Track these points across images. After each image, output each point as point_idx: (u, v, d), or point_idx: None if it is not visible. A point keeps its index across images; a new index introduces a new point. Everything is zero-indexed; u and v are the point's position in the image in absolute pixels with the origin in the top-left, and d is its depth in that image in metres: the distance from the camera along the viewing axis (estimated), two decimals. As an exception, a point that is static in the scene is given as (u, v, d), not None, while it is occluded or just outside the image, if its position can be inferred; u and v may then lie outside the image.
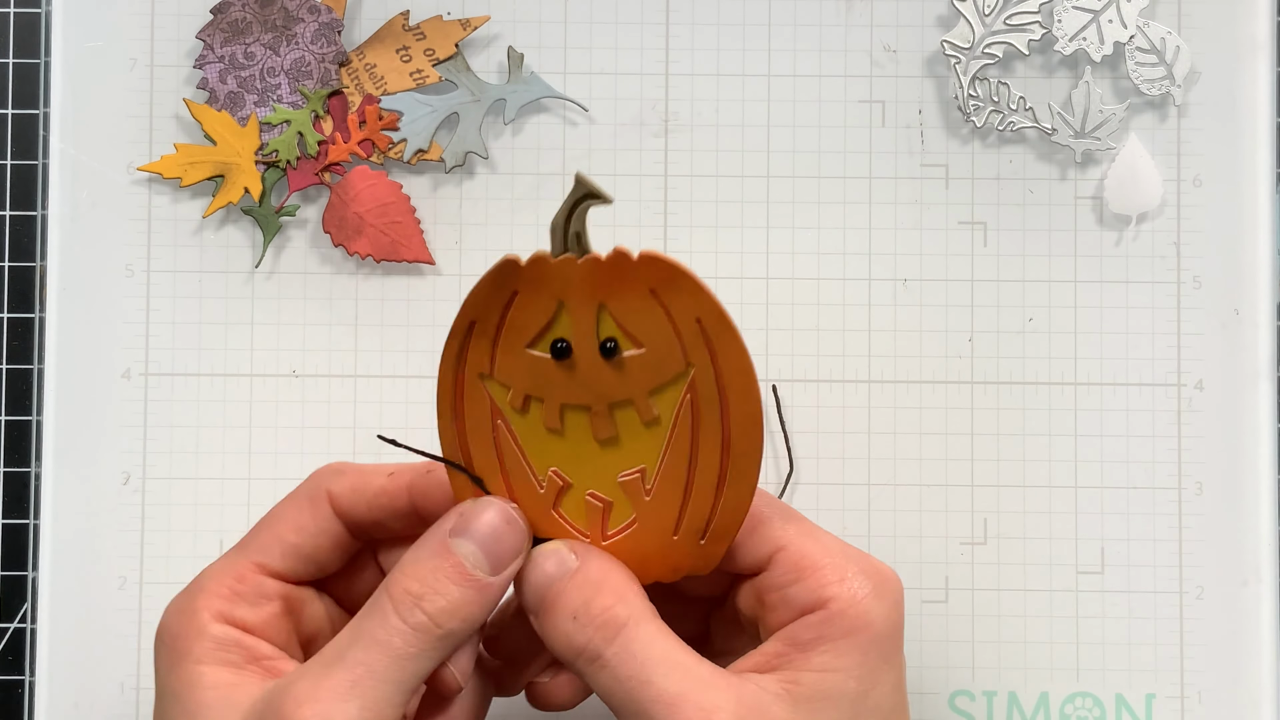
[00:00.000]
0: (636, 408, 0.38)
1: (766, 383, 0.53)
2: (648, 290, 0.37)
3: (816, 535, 0.39)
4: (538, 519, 0.39)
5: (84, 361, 0.53)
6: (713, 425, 0.38)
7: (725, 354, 0.37)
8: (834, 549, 0.39)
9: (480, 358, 0.38)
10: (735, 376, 0.38)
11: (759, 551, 0.39)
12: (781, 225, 0.54)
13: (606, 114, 0.54)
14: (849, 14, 0.54)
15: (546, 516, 0.39)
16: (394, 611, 0.37)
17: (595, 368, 0.38)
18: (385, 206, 0.53)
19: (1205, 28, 0.54)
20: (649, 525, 0.39)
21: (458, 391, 0.39)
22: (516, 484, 0.39)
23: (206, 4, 0.53)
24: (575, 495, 0.39)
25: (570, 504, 0.39)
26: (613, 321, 0.37)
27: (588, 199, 0.36)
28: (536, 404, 0.38)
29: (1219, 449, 0.53)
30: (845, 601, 0.37)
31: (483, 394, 0.39)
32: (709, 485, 0.38)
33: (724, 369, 0.37)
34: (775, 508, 0.40)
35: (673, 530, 0.39)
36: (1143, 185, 0.53)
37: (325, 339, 0.54)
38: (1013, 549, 0.53)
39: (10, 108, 0.54)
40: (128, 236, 0.54)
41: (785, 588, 0.38)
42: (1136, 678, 0.53)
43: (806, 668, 0.37)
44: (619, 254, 0.37)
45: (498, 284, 0.37)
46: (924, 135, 0.54)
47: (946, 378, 0.54)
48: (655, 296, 0.37)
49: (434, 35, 0.54)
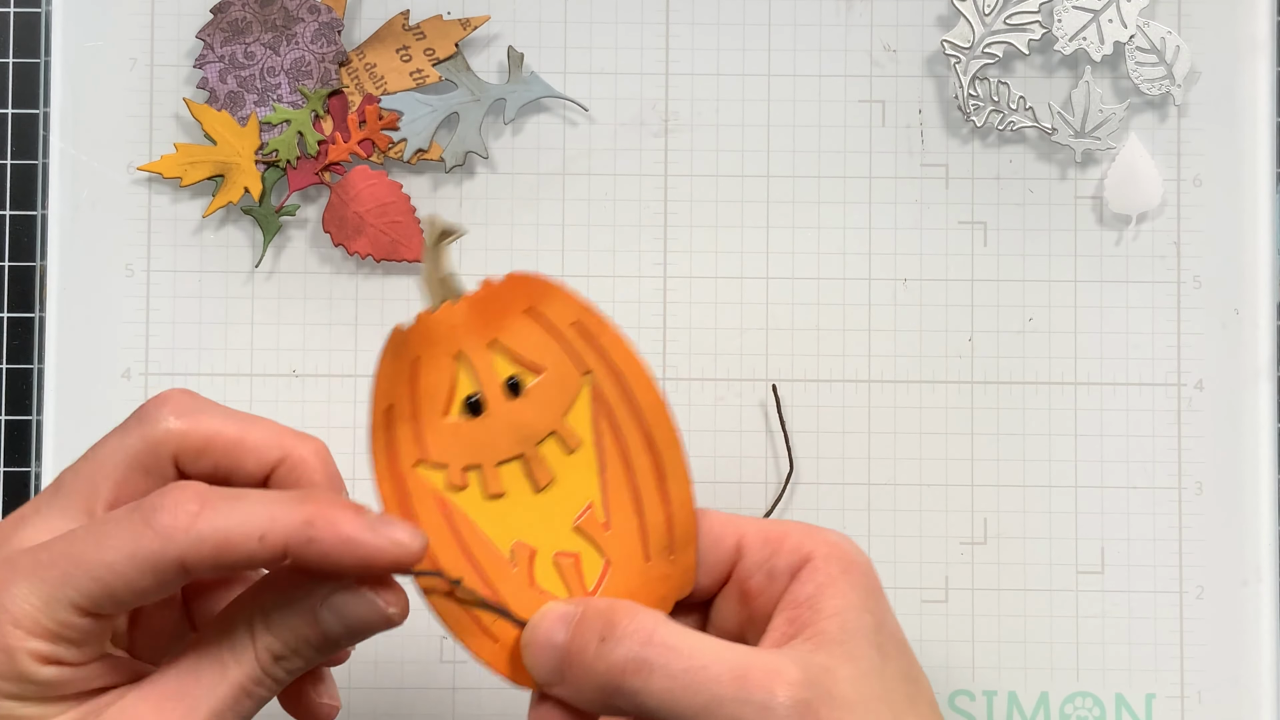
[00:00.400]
0: (560, 436, 0.38)
1: (766, 383, 0.53)
2: (523, 311, 0.38)
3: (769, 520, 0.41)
4: (522, 600, 0.38)
5: (84, 361, 0.53)
6: (630, 425, 0.38)
7: (611, 350, 0.38)
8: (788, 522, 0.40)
9: (408, 445, 0.38)
10: (628, 369, 0.38)
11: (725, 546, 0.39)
12: (781, 225, 0.54)
13: (606, 114, 0.54)
14: (849, 14, 0.54)
15: (528, 594, 0.38)
16: (258, 665, 0.36)
17: (508, 410, 0.38)
18: (385, 206, 0.53)
19: (1205, 28, 0.54)
20: (621, 561, 0.39)
21: (400, 493, 0.38)
22: (492, 572, 0.38)
23: (206, 4, 0.53)
24: (544, 560, 0.38)
25: (543, 572, 0.39)
26: (507, 358, 0.38)
27: (443, 237, 0.37)
28: (473, 474, 0.38)
29: (1219, 449, 0.53)
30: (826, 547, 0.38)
31: (424, 484, 0.38)
32: (653, 490, 0.38)
33: (617, 365, 0.38)
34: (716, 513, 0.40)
35: (644, 556, 0.39)
36: (1143, 185, 0.53)
37: (325, 339, 0.54)
38: (1013, 549, 0.53)
39: (10, 108, 0.54)
40: (128, 236, 0.54)
41: (766, 562, 0.38)
42: (1136, 678, 0.53)
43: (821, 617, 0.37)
44: (486, 284, 0.37)
45: (397, 356, 0.37)
46: (924, 135, 0.54)
47: (946, 378, 0.54)
48: (532, 315, 0.38)
49: (434, 35, 0.54)
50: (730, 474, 0.53)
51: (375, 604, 0.37)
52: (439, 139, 0.54)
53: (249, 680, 0.36)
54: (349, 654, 0.42)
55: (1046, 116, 0.54)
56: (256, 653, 0.36)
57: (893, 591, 0.52)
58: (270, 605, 0.37)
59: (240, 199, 0.53)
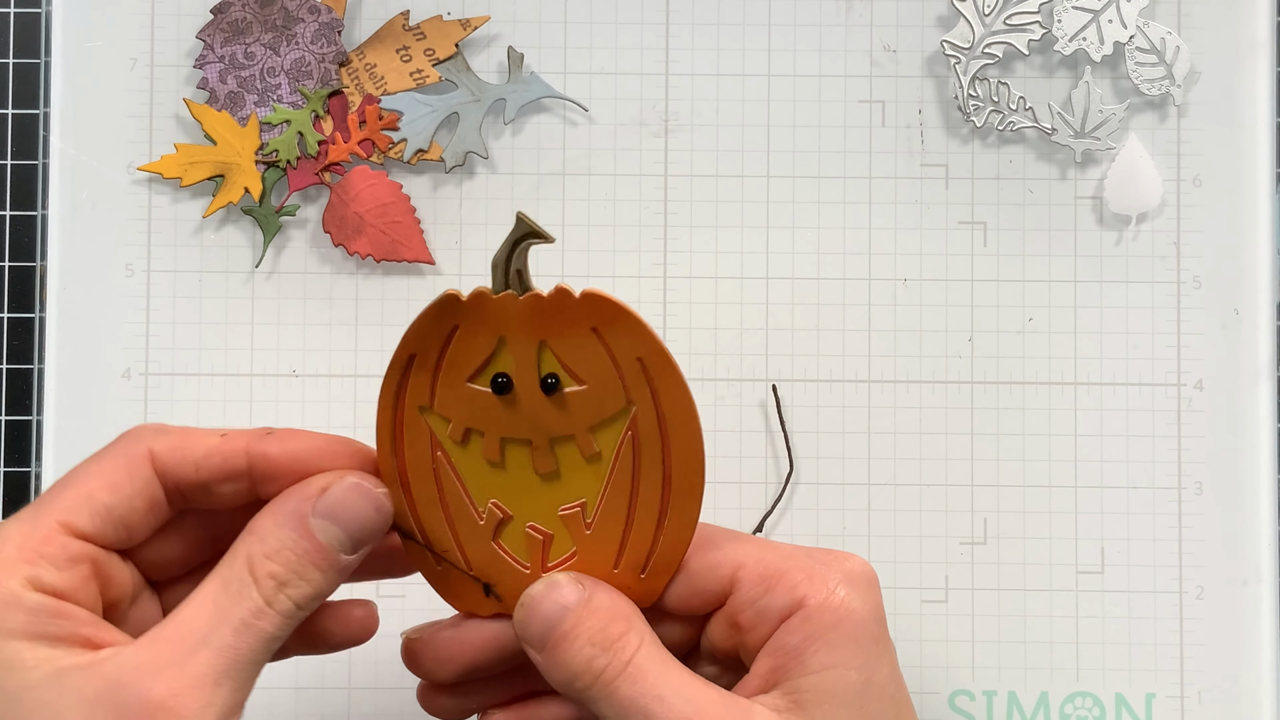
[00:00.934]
0: (578, 443, 0.38)
1: (766, 383, 0.53)
2: (589, 329, 0.37)
3: (773, 545, 0.39)
4: (478, 551, 0.39)
5: (84, 361, 0.53)
6: (654, 463, 0.38)
7: (667, 394, 0.38)
8: (794, 552, 0.38)
9: (420, 391, 0.38)
10: (677, 416, 0.38)
11: (719, 575, 0.38)
12: (781, 225, 0.54)
13: (606, 114, 0.54)
14: (849, 14, 0.54)
15: (486, 548, 0.39)
16: (259, 595, 0.36)
17: (536, 403, 0.38)
18: (385, 206, 0.53)
19: (1205, 28, 0.54)
20: (589, 558, 0.39)
21: (397, 424, 0.39)
22: (456, 515, 0.39)
23: (206, 4, 0.53)
24: (516, 527, 0.39)
25: (510, 536, 0.39)
26: (554, 358, 0.38)
27: (529, 238, 0.37)
28: (477, 437, 0.38)
29: (1219, 449, 0.53)
30: (821, 595, 0.37)
31: (422, 426, 0.38)
32: (650, 521, 0.38)
33: (666, 409, 0.38)
34: (723, 533, 0.39)
35: (613, 564, 0.39)
36: (1143, 185, 0.53)
37: (325, 339, 0.54)
38: (1013, 549, 0.53)
39: (10, 108, 0.54)
40: (128, 236, 0.54)
41: (757, 601, 0.38)
42: (1136, 677, 0.53)
43: (804, 672, 0.37)
44: (561, 292, 0.37)
45: (439, 318, 0.38)
46: (924, 135, 0.54)
47: (946, 378, 0.54)
48: (597, 335, 0.37)
49: (434, 35, 0.54)
50: (730, 474, 0.53)
51: (363, 488, 0.37)
52: (439, 139, 0.54)
53: (250, 613, 0.35)
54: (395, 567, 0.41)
55: (1046, 117, 0.54)
56: (257, 581, 0.36)
57: (893, 591, 0.52)
58: (264, 529, 0.36)
59: (240, 199, 0.53)
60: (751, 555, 0.38)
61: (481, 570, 0.39)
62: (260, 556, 0.36)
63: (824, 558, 0.38)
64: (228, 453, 0.38)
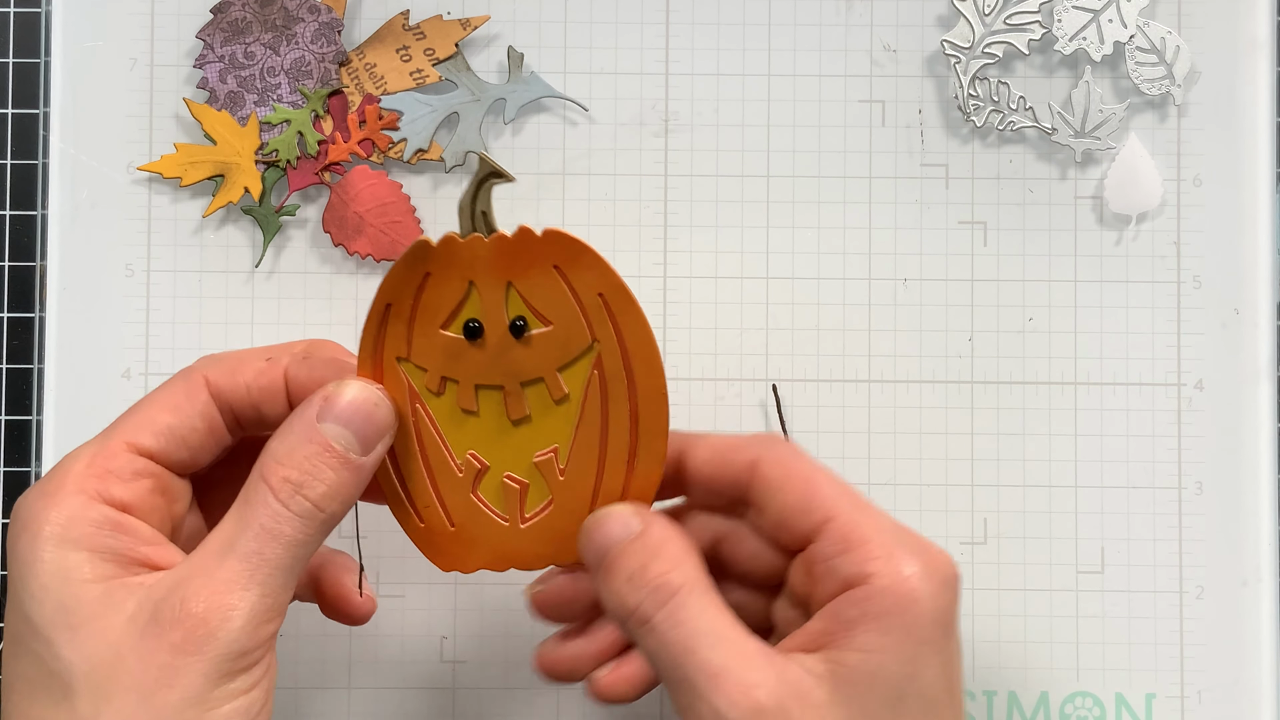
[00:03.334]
0: (547, 385, 0.39)
1: (766, 383, 0.53)
2: (551, 266, 0.38)
3: (869, 510, 0.38)
4: (458, 503, 0.40)
5: (84, 361, 0.53)
6: (620, 400, 0.39)
7: (629, 329, 0.38)
8: (885, 525, 0.38)
9: (397, 341, 0.39)
10: (639, 351, 0.39)
11: (810, 519, 0.38)
12: (781, 225, 0.54)
13: (606, 114, 0.54)
14: (849, 14, 0.54)
15: (466, 500, 0.40)
16: (277, 500, 0.37)
17: (506, 346, 0.39)
18: (385, 206, 0.53)
19: (1205, 28, 0.54)
20: (564, 506, 0.40)
21: (376, 375, 0.39)
22: (435, 468, 0.40)
23: (206, 4, 0.53)
24: (493, 477, 0.40)
25: (488, 487, 0.40)
26: (521, 300, 0.39)
27: (491, 178, 0.38)
28: (452, 386, 0.39)
29: (1219, 449, 0.53)
30: (889, 578, 0.36)
31: (400, 377, 0.39)
32: (620, 461, 0.39)
33: (628, 344, 0.39)
34: (833, 483, 0.39)
35: (587, 509, 0.40)
36: (1143, 185, 0.53)
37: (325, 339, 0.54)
38: (1013, 549, 0.53)
39: (10, 108, 0.54)
40: (128, 236, 0.54)
41: (831, 559, 0.37)
42: (1136, 677, 0.53)
43: (850, 647, 0.36)
44: (523, 231, 0.38)
45: (411, 266, 0.39)
46: (924, 135, 0.54)
47: (946, 377, 0.54)
48: (560, 272, 0.38)
49: (434, 35, 0.54)
50: (730, 474, 0.53)
51: (363, 386, 0.38)
52: (439, 139, 0.54)
53: (269, 518, 0.36)
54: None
55: (1046, 116, 0.54)
56: (272, 488, 0.37)
57: (893, 591, 0.52)
58: (275, 440, 0.38)
59: (240, 199, 0.53)
60: (845, 511, 0.38)
61: (463, 523, 0.40)
62: (272, 464, 0.37)
63: (911, 542, 0.38)
64: (273, 375, 0.40)
